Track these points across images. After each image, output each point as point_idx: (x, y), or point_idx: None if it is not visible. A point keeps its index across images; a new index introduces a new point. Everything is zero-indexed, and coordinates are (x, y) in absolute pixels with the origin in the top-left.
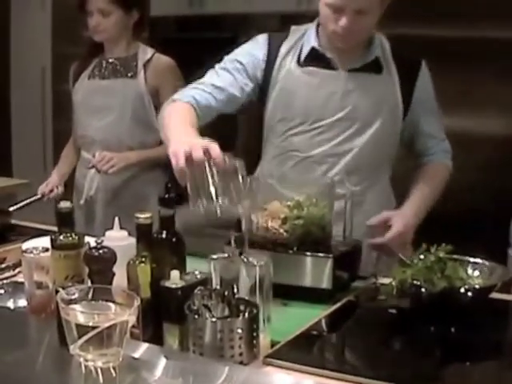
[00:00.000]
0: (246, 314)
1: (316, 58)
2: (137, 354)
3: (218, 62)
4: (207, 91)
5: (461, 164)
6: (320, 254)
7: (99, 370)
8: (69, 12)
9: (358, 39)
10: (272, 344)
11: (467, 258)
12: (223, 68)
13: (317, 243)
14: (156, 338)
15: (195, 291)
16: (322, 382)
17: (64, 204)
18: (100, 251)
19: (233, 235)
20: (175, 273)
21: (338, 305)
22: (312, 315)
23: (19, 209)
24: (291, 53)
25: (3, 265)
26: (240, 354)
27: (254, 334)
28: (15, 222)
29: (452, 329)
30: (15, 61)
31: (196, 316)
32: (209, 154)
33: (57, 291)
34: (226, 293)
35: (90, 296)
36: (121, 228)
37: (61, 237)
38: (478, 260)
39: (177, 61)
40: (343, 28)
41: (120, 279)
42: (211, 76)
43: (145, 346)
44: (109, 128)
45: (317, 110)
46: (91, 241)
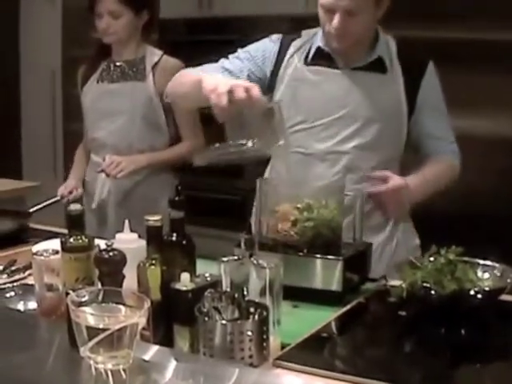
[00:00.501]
0: (256, 317)
1: (322, 57)
2: (147, 357)
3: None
4: (219, 72)
5: (478, 166)
6: (330, 257)
7: (109, 373)
8: (79, 14)
9: (353, 40)
10: (282, 346)
11: (477, 260)
12: (235, 56)
13: (327, 245)
14: (166, 341)
15: (205, 293)
16: None
17: (74, 206)
18: (110, 253)
19: (243, 237)
20: (185, 275)
21: (348, 307)
22: (322, 317)
23: (39, 210)
24: (300, 52)
25: (14, 267)
26: (250, 357)
27: (264, 337)
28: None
29: (462, 331)
30: (25, 63)
31: (206, 318)
32: (249, 94)
33: (67, 293)
34: (236, 295)
35: (101, 298)
36: (131, 230)
37: (71, 239)
38: (488, 262)
39: (186, 63)
40: (335, 28)
41: (130, 281)
42: (222, 61)
43: (155, 349)
44: (119, 131)
45: (318, 108)
46: (101, 243)
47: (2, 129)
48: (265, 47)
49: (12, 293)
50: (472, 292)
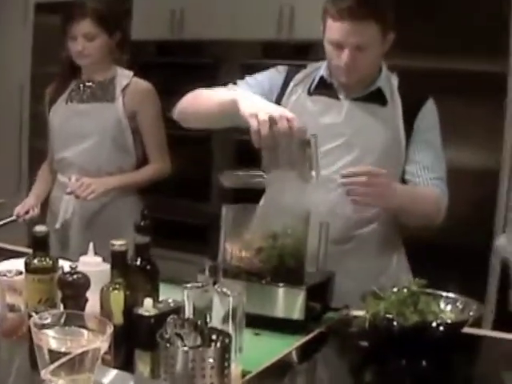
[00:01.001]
0: (218, 344)
1: (324, 87)
2: (106, 380)
3: (199, 87)
4: None
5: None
6: (293, 285)
7: None
8: (50, 31)
9: (361, 74)
10: (243, 374)
11: (440, 293)
12: (243, 82)
13: (290, 274)
14: (127, 365)
15: (168, 319)
16: None
17: (40, 228)
18: (74, 276)
19: (207, 264)
20: (148, 300)
21: (310, 336)
22: (284, 346)
23: None
24: (303, 83)
25: None
26: None
27: (226, 364)
28: None
29: (424, 363)
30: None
31: (168, 344)
32: (290, 125)
33: (30, 315)
34: (199, 322)
35: (63, 321)
36: (95, 253)
37: (35, 260)
38: (451, 295)
39: (157, 85)
40: (345, 64)
41: (93, 305)
42: (230, 86)
43: (114, 373)
44: (87, 152)
45: (320, 138)
46: (65, 265)
47: None
48: (271, 76)
49: None
50: (434, 324)
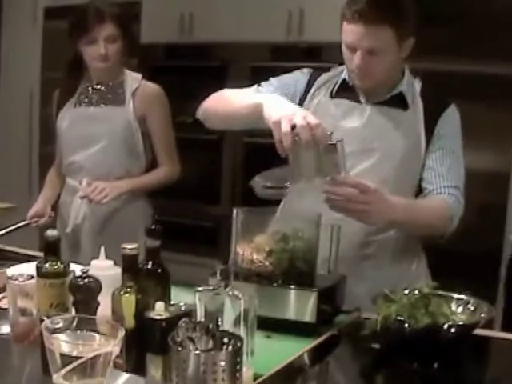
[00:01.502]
0: (230, 347)
1: (346, 91)
2: None
3: (208, 91)
4: None
5: None
6: (304, 288)
7: None
8: (59, 36)
9: (376, 79)
10: (255, 377)
11: (451, 295)
12: (268, 83)
13: (301, 277)
14: (139, 369)
15: (179, 323)
16: None
17: (51, 232)
18: (85, 280)
19: (218, 267)
20: (160, 304)
21: (322, 339)
22: (295, 348)
23: (6, 234)
24: (326, 85)
25: None
26: None
27: (238, 367)
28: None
29: (435, 365)
30: (3, 84)
31: (180, 348)
32: (313, 134)
33: (41, 320)
34: (211, 325)
35: (75, 325)
36: (106, 257)
37: (46, 265)
38: (463, 296)
39: (166, 88)
40: (357, 67)
41: (105, 309)
42: (256, 88)
43: (126, 376)
44: (97, 155)
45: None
46: (77, 269)
47: None
48: (296, 78)
49: None
50: (445, 326)
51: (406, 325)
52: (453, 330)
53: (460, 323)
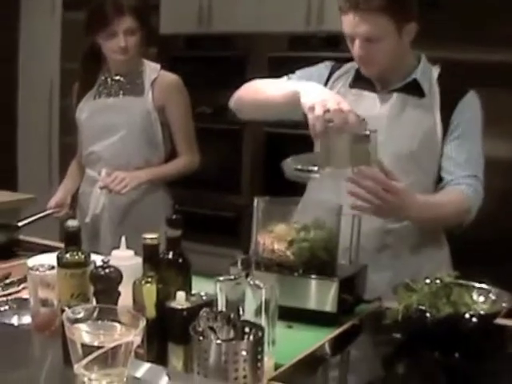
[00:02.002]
0: (251, 337)
1: (362, 80)
2: (139, 374)
3: (227, 81)
4: None
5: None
6: (325, 277)
7: None
8: (78, 26)
9: (380, 66)
10: (276, 367)
11: (473, 284)
12: (295, 75)
13: (322, 266)
14: (160, 359)
15: (201, 313)
16: None
17: (72, 222)
18: (106, 270)
19: (239, 257)
20: (181, 294)
21: (343, 328)
22: (316, 338)
23: (28, 224)
24: (345, 76)
25: (8, 280)
26: (244, 377)
27: (259, 357)
28: (20, 238)
29: (456, 354)
30: (23, 74)
31: (201, 338)
32: (346, 120)
33: (62, 310)
34: (232, 315)
35: (96, 315)
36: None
37: (67, 255)
38: (484, 286)
39: (185, 79)
40: (356, 55)
41: (126, 299)
42: (284, 78)
43: (147, 366)
44: (116, 146)
45: None
46: (97, 259)
47: None
48: (319, 70)
49: (6, 306)
50: (467, 316)
51: (428, 314)
52: (474, 320)
53: (481, 313)
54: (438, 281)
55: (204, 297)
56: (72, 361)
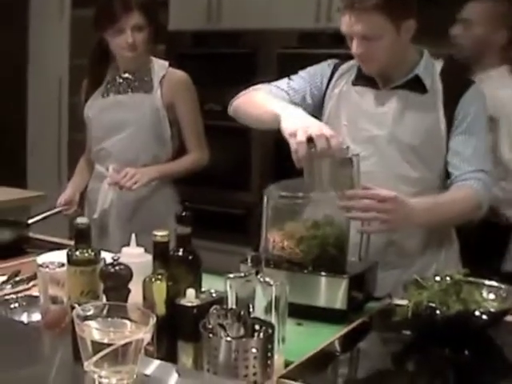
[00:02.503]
0: (261, 334)
1: (364, 78)
2: (149, 371)
3: (236, 78)
4: (283, 89)
5: None
6: (335, 275)
7: None
8: (86, 23)
9: (380, 64)
10: (286, 364)
11: (483, 281)
12: (298, 76)
13: (332, 263)
14: (170, 356)
15: (211, 310)
16: None
17: (81, 220)
18: (116, 268)
19: (249, 254)
20: (191, 291)
21: (353, 325)
22: (326, 335)
23: (38, 221)
24: (348, 73)
25: (18, 277)
26: (254, 374)
27: (269, 354)
28: (30, 235)
29: (466, 352)
30: (32, 72)
31: (211, 335)
32: (329, 144)
33: (72, 307)
34: (242, 312)
35: (106, 313)
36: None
37: (77, 252)
38: (494, 283)
39: (194, 76)
40: (355, 54)
41: (136, 296)
42: (286, 80)
43: (157, 363)
44: (125, 142)
45: (357, 127)
46: (107, 257)
47: (8, 137)
48: (322, 69)
49: (16, 304)
50: (477, 313)
51: (438, 311)
52: (484, 317)
53: (491, 310)
54: (448, 278)
55: (214, 294)
56: (82, 358)
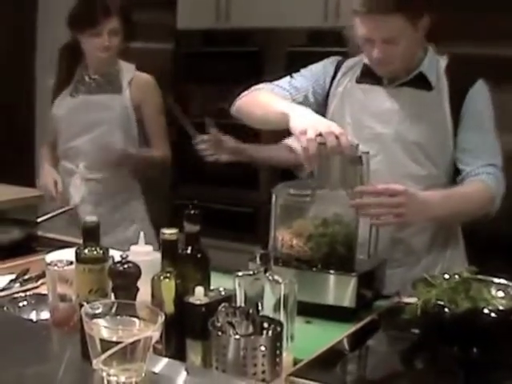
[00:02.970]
0: (270, 332)
1: (368, 75)
2: (158, 369)
3: (245, 76)
4: (285, 88)
5: None
6: (344, 273)
7: None
8: None
9: (396, 65)
10: (295, 362)
11: (491, 279)
12: (300, 75)
13: (341, 261)
14: (179, 354)
15: (219, 308)
16: None
17: (90, 218)
18: (125, 266)
19: (258, 252)
20: (199, 289)
21: (362, 323)
22: (335, 334)
23: (47, 220)
24: (352, 71)
25: (26, 276)
26: (263, 372)
27: (277, 352)
28: (39, 233)
29: (475, 350)
30: (40, 73)
31: (219, 333)
32: (339, 142)
33: (81, 305)
34: (251, 310)
35: (114, 311)
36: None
37: (85, 250)
38: (503, 281)
39: (203, 74)
40: (376, 58)
41: (144, 294)
42: (287, 79)
43: (165, 361)
44: (97, 141)
45: (362, 125)
46: (116, 255)
47: (16, 137)
48: (325, 67)
49: (25, 302)
50: (486, 311)
51: (447, 309)
52: (493, 315)
53: (500, 308)
54: (457, 276)
55: (223, 292)
56: (90, 356)
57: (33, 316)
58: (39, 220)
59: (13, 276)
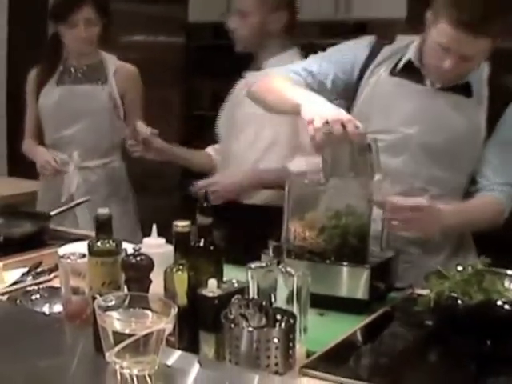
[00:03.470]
0: (283, 324)
1: (409, 71)
2: (170, 362)
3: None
4: (300, 74)
5: None
6: (357, 264)
7: (135, 378)
8: None
9: (457, 80)
10: (308, 354)
11: (505, 271)
12: (324, 56)
13: (354, 253)
14: (192, 347)
15: (232, 300)
16: None
17: (102, 211)
18: (137, 258)
19: (271, 244)
20: (212, 281)
21: (375, 315)
22: (348, 326)
23: (60, 213)
24: (389, 61)
25: (39, 269)
26: (276, 364)
27: (291, 344)
28: (51, 227)
29: (488, 342)
30: None
31: (232, 325)
32: (346, 130)
33: (94, 298)
34: (264, 302)
35: (127, 303)
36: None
37: (98, 243)
38: None
39: (213, 67)
40: (446, 68)
41: (157, 287)
42: (310, 61)
43: (178, 354)
44: (87, 130)
45: (396, 122)
46: (129, 248)
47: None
48: (356, 51)
49: (37, 295)
50: (499, 303)
51: (460, 301)
52: (506, 307)
53: None
54: (470, 268)
55: (236, 284)
56: (103, 349)
57: (45, 309)
58: (52, 213)
59: (25, 269)
